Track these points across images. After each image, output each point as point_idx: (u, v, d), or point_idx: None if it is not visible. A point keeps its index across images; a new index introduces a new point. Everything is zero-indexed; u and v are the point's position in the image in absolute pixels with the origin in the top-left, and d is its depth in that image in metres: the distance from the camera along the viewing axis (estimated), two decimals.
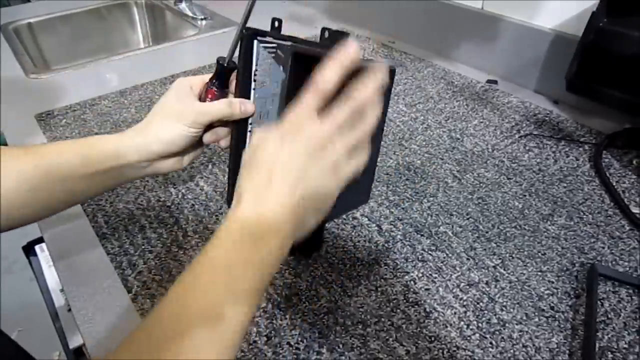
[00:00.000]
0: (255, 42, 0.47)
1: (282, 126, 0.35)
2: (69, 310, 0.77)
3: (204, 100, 0.49)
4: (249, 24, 0.47)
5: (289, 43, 0.45)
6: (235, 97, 0.48)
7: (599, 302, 0.45)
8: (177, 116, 0.47)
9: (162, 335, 0.29)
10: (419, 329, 0.43)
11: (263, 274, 0.33)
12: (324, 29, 0.41)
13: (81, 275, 0.49)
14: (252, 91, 0.48)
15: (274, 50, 0.49)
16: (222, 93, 0.49)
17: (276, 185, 0.34)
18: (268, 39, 0.47)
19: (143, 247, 0.52)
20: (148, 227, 0.55)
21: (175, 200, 0.59)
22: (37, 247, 0.91)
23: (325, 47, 0.40)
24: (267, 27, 0.47)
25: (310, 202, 0.35)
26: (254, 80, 0.48)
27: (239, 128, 0.48)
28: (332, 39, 0.40)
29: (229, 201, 0.53)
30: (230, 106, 0.47)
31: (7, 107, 0.81)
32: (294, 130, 0.34)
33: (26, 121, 0.76)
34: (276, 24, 0.47)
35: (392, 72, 0.51)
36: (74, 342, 0.73)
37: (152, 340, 0.29)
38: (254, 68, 0.47)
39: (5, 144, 0.72)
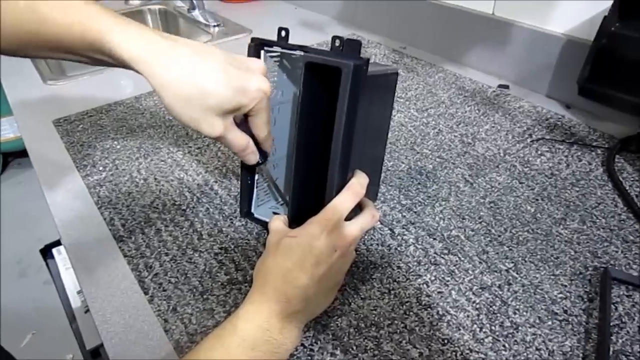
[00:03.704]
0: (262, 52, 0.48)
1: (320, 223, 0.41)
2: (87, 311, 0.78)
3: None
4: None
5: (300, 53, 0.46)
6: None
7: (612, 305, 0.45)
8: (211, 117, 0.42)
9: None
10: (432, 332, 0.44)
11: (282, 357, 0.39)
12: (334, 38, 0.42)
13: (99, 277, 0.50)
14: None
15: (279, 59, 0.50)
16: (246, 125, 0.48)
17: (302, 273, 0.39)
18: (275, 48, 0.48)
19: (159, 249, 0.53)
20: (164, 230, 0.56)
21: (190, 203, 0.60)
22: (54, 250, 0.93)
23: (336, 55, 0.41)
24: (276, 34, 0.48)
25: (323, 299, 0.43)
26: None
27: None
28: (345, 46, 0.41)
29: (242, 212, 0.54)
30: (245, 150, 0.47)
31: (26, 113, 0.83)
32: (329, 235, 0.40)
33: (44, 126, 0.78)
34: (283, 33, 0.48)
35: (395, 75, 0.51)
36: (90, 343, 0.74)
37: None
38: None
39: (24, 149, 0.74)
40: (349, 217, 0.42)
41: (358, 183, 0.44)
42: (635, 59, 0.63)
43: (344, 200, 0.42)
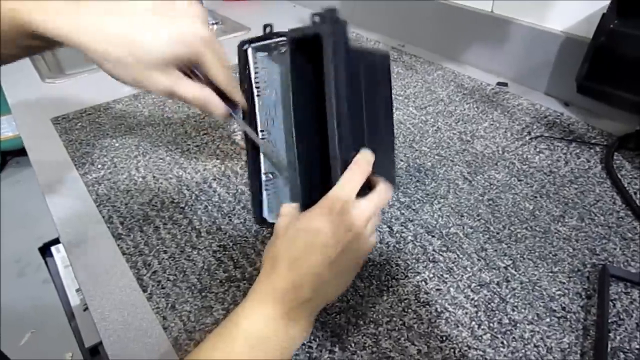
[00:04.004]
0: (250, 49, 0.48)
1: (330, 203, 0.38)
2: (85, 309, 0.78)
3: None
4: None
5: (282, 39, 0.45)
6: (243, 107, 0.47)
7: (610, 302, 0.45)
8: (152, 72, 0.40)
9: None
10: (430, 329, 0.44)
11: (290, 351, 0.36)
12: (312, 14, 0.41)
13: (97, 275, 0.50)
14: (257, 98, 0.49)
15: (269, 51, 0.48)
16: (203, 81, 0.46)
17: (312, 257, 0.36)
18: (261, 43, 0.47)
19: (157, 247, 0.53)
20: (162, 228, 0.56)
21: (189, 201, 0.60)
22: (53, 249, 0.93)
23: (316, 26, 0.40)
24: (278, 28, 0.47)
25: (341, 277, 0.39)
26: (257, 88, 0.48)
27: (248, 139, 0.49)
28: (323, 19, 0.40)
29: (256, 219, 0.50)
30: (206, 102, 0.44)
31: (24, 111, 0.83)
32: (341, 214, 0.37)
33: (42, 125, 0.78)
34: (267, 29, 0.47)
35: (387, 57, 0.50)
36: (89, 341, 0.74)
37: None
38: (253, 76, 0.48)
39: (23, 148, 0.74)
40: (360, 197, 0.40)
41: (363, 159, 0.40)
42: (633, 57, 0.63)
43: (350, 178, 0.39)
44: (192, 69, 0.45)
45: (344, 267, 0.38)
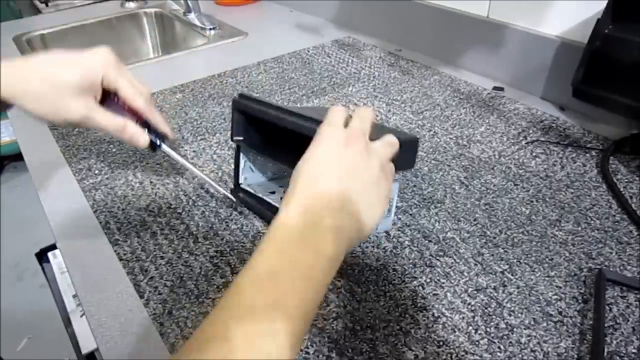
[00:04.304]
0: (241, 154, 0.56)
1: (340, 134, 0.38)
2: (82, 315, 0.78)
3: (103, 104, 0.49)
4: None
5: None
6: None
7: (607, 307, 0.46)
8: (67, 100, 0.45)
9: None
10: (427, 334, 0.44)
11: (315, 284, 0.31)
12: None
13: (94, 281, 0.50)
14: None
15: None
16: (122, 111, 0.50)
17: (325, 178, 0.35)
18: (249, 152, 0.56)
19: (154, 253, 0.53)
20: (159, 234, 0.56)
21: (186, 207, 0.60)
22: (49, 254, 0.92)
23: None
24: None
25: (362, 194, 0.36)
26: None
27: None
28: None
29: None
30: (124, 131, 0.49)
31: (21, 116, 0.83)
32: (352, 140, 0.38)
33: (39, 129, 0.78)
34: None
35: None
36: (86, 347, 0.74)
37: None
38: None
39: (20, 153, 0.74)
40: None
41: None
42: (628, 61, 0.64)
43: (334, 112, 0.41)
44: (113, 100, 0.50)
45: (382, 187, 0.38)
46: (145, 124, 0.51)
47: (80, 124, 0.47)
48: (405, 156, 0.50)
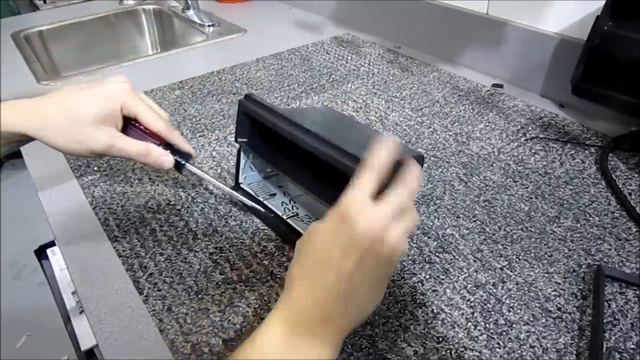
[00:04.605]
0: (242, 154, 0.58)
1: (338, 213, 0.35)
2: (81, 312, 0.78)
3: (124, 132, 0.51)
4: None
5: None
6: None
7: (605, 303, 0.46)
8: (90, 130, 0.48)
9: None
10: (426, 330, 0.44)
11: None
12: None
13: (93, 278, 0.50)
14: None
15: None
16: (143, 136, 0.51)
17: (329, 275, 0.34)
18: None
19: (154, 249, 0.53)
20: (158, 230, 0.56)
21: (185, 203, 0.60)
22: (48, 251, 0.92)
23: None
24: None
25: (363, 290, 0.35)
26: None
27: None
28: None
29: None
30: (148, 154, 0.50)
31: None
32: (350, 222, 0.34)
33: None
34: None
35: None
36: (85, 344, 0.74)
37: None
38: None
39: (18, 150, 0.73)
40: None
41: (374, 157, 0.36)
42: (627, 58, 0.64)
43: (360, 179, 0.35)
44: (134, 126, 0.52)
45: (366, 279, 0.34)
46: (167, 145, 0.52)
47: (105, 153, 0.49)
48: None
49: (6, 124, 0.47)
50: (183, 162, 0.53)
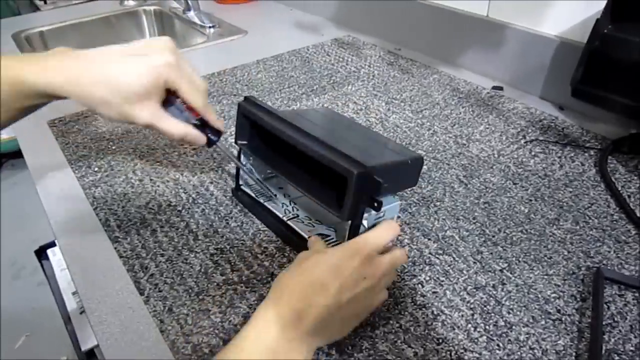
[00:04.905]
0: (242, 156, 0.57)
1: (351, 249, 0.40)
2: (82, 312, 0.78)
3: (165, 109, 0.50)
4: None
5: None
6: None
7: (605, 305, 0.46)
8: (132, 107, 0.46)
9: None
10: (426, 331, 0.44)
11: None
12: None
13: (94, 278, 0.50)
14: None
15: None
16: (181, 107, 0.51)
17: (324, 295, 0.37)
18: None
19: (154, 250, 0.53)
20: (159, 231, 0.56)
21: (186, 204, 0.60)
22: (49, 251, 0.92)
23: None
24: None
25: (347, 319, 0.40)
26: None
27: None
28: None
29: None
30: (185, 137, 0.50)
31: None
32: (361, 261, 0.39)
33: (39, 127, 0.78)
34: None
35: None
36: (86, 344, 0.74)
37: None
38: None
39: (18, 150, 0.74)
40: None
41: (395, 223, 0.45)
42: (627, 61, 0.64)
43: (382, 231, 0.43)
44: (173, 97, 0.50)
45: (350, 313, 0.39)
46: (201, 119, 0.52)
47: (145, 127, 0.50)
48: (409, 174, 0.51)
49: (36, 83, 0.44)
50: (215, 139, 0.54)
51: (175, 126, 0.49)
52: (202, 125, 0.53)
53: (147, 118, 0.47)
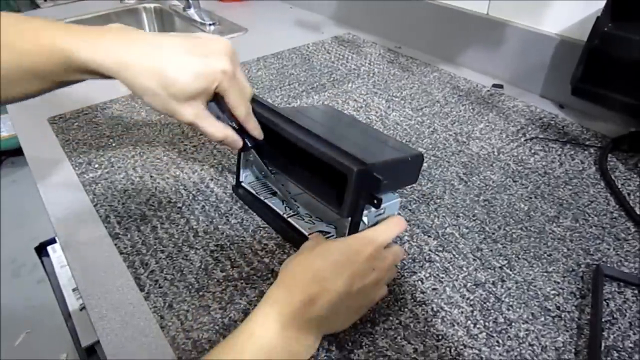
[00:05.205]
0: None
1: (359, 241, 0.41)
2: (82, 309, 0.78)
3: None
4: None
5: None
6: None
7: (604, 302, 0.46)
8: (179, 105, 0.45)
9: None
10: (426, 328, 0.44)
11: None
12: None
13: (95, 275, 0.51)
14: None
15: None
16: (224, 117, 0.51)
17: (339, 280, 0.38)
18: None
19: (155, 246, 0.53)
20: (160, 228, 0.56)
21: (186, 201, 0.60)
22: (49, 248, 0.92)
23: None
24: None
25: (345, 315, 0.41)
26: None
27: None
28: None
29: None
30: (224, 140, 0.50)
31: (20, 111, 0.83)
32: (368, 255, 0.41)
33: (39, 124, 0.78)
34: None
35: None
36: (86, 340, 0.74)
37: None
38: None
39: (18, 148, 0.74)
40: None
41: (402, 220, 0.46)
42: (627, 59, 0.64)
43: (390, 227, 0.44)
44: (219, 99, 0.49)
45: (356, 304, 0.40)
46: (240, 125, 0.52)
47: (186, 124, 0.51)
48: (409, 171, 0.51)
49: (86, 61, 0.42)
50: (250, 145, 0.53)
51: (216, 128, 0.48)
52: (240, 128, 0.52)
53: (191, 117, 0.46)
